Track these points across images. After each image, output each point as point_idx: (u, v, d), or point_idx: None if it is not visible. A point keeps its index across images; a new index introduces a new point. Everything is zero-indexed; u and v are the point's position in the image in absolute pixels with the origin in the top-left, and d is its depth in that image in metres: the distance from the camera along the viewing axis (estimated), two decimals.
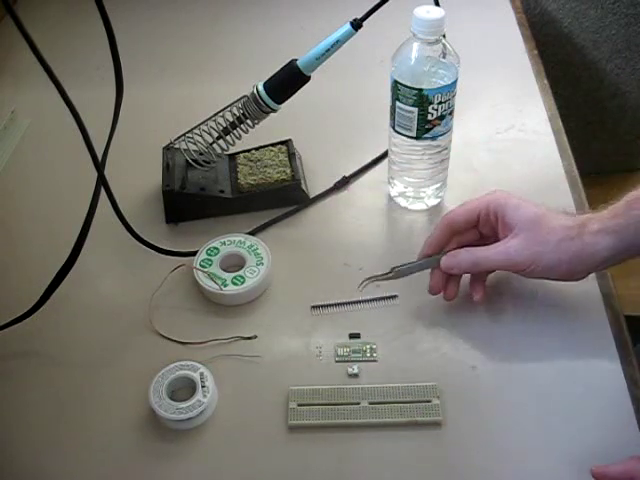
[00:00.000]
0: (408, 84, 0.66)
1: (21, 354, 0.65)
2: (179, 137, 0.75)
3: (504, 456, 0.55)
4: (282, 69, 0.70)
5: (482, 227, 0.64)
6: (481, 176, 0.80)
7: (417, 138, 0.70)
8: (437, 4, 0.68)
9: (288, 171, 0.77)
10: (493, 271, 0.65)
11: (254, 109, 0.71)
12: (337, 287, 0.68)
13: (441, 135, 0.70)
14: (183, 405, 0.57)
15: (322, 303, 0.67)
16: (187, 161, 0.75)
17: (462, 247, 0.63)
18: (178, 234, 0.75)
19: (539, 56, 0.97)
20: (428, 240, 0.64)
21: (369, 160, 0.82)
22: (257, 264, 0.69)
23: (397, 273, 0.63)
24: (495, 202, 0.62)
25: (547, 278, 0.61)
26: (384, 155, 0.81)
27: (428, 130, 0.69)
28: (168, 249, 0.70)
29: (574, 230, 0.58)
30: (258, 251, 0.70)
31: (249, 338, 0.64)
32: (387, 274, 0.64)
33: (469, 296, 0.64)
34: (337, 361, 0.62)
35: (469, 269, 0.63)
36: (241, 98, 0.73)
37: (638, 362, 0.61)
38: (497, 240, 0.62)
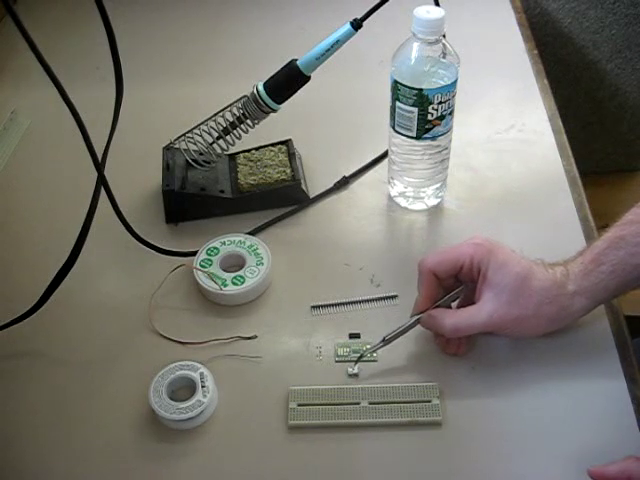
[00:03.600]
0: (408, 84, 0.66)
1: (21, 354, 0.65)
2: (179, 137, 0.75)
3: (504, 456, 0.55)
4: (282, 69, 0.70)
5: (462, 277, 0.62)
6: (481, 176, 0.80)
7: (417, 138, 0.70)
8: (437, 4, 0.68)
9: (288, 171, 0.77)
10: None
11: (254, 109, 0.71)
12: (337, 287, 0.68)
13: (441, 135, 0.70)
14: (183, 405, 0.57)
15: (322, 303, 0.67)
16: (187, 161, 0.75)
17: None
18: (178, 234, 0.75)
19: (539, 56, 0.97)
20: (419, 298, 0.62)
21: (369, 160, 0.82)
22: (257, 264, 0.69)
23: (387, 341, 0.61)
24: (478, 256, 0.60)
25: (520, 338, 0.62)
26: (384, 155, 0.81)
27: (428, 130, 0.69)
28: (168, 249, 0.70)
29: (552, 292, 0.59)
30: (258, 251, 0.70)
31: (249, 338, 0.64)
32: (379, 344, 0.62)
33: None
34: (337, 361, 0.62)
35: (450, 334, 0.60)
36: (241, 98, 0.73)
37: (637, 355, 0.61)
38: (474, 290, 0.61)
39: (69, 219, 0.62)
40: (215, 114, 0.74)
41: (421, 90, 0.66)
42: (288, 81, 0.70)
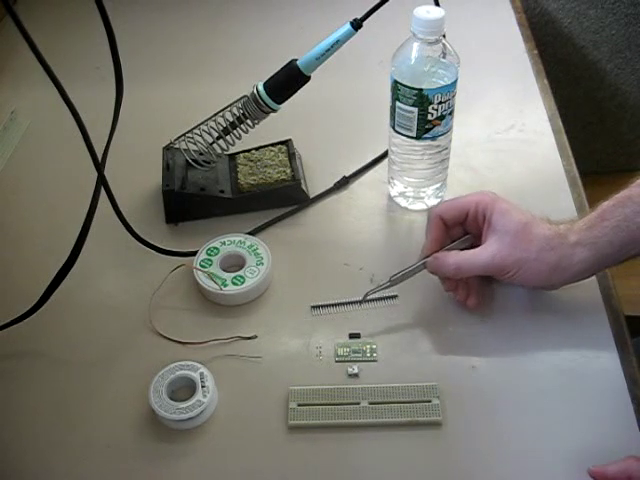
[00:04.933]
0: (408, 84, 0.66)
1: (21, 354, 0.65)
2: (179, 137, 0.75)
3: (504, 456, 0.55)
4: (282, 69, 0.70)
5: (468, 225, 0.65)
6: (481, 176, 0.80)
7: (417, 138, 0.70)
8: (437, 4, 0.68)
9: (288, 171, 0.77)
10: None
11: (254, 109, 0.71)
12: (337, 287, 0.68)
13: (441, 135, 0.70)
14: (183, 405, 0.57)
15: (322, 303, 0.67)
16: (187, 161, 0.75)
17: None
18: (178, 234, 0.75)
19: (539, 56, 0.97)
20: (427, 241, 0.65)
21: (369, 160, 0.82)
22: (257, 264, 0.69)
23: (393, 281, 0.64)
24: (483, 203, 0.63)
25: (523, 285, 0.63)
26: (384, 155, 0.81)
27: (428, 130, 0.69)
28: (168, 249, 0.70)
29: (554, 240, 0.60)
30: (258, 251, 0.70)
31: (249, 338, 0.64)
32: (385, 284, 0.64)
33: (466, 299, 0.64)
34: (337, 361, 0.62)
35: (453, 273, 0.63)
36: (241, 98, 0.73)
37: (636, 353, 0.61)
38: (479, 238, 0.63)
39: (69, 219, 0.62)
40: (215, 114, 0.74)
41: (421, 90, 0.66)
42: (288, 81, 0.70)
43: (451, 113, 0.69)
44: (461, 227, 0.65)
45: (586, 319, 0.64)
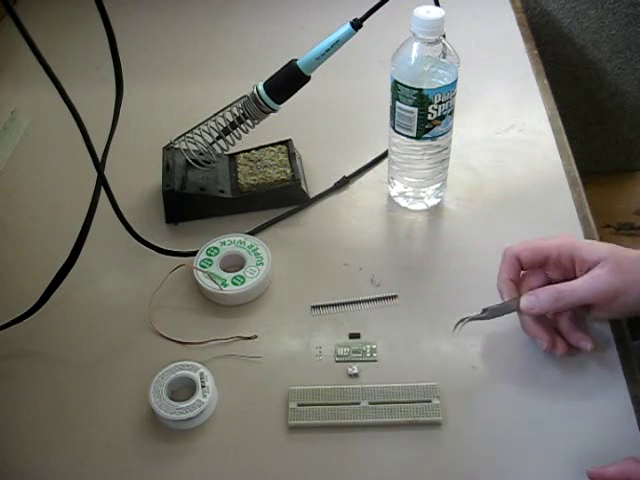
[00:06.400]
0: (408, 84, 0.66)
1: (21, 354, 0.65)
2: (179, 137, 0.75)
3: (504, 456, 0.55)
4: (282, 69, 0.70)
5: (551, 270, 0.60)
6: (481, 176, 0.80)
7: (417, 138, 0.70)
8: (437, 4, 0.68)
9: (288, 171, 0.77)
10: (587, 313, 0.60)
11: (254, 109, 0.71)
12: (337, 287, 0.68)
13: (441, 135, 0.70)
14: (183, 405, 0.57)
15: (322, 303, 0.67)
16: (187, 161, 0.75)
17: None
18: (178, 234, 0.75)
19: (539, 56, 0.97)
20: (504, 280, 0.61)
21: (369, 160, 0.82)
22: (257, 264, 0.69)
23: (490, 313, 0.60)
24: (566, 244, 0.59)
25: (626, 315, 0.59)
26: (384, 155, 0.81)
27: (428, 130, 0.69)
28: (168, 249, 0.70)
29: None
30: (258, 251, 0.70)
31: (249, 338, 0.64)
32: (480, 315, 0.60)
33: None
34: (337, 361, 0.62)
35: (551, 306, 0.58)
36: (241, 98, 0.73)
37: (637, 356, 0.61)
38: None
39: (69, 219, 0.62)
40: (215, 114, 0.74)
41: (421, 90, 0.66)
42: (288, 81, 0.70)
43: (451, 113, 0.69)
44: (543, 274, 0.61)
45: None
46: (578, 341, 0.59)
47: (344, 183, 0.80)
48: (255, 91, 0.71)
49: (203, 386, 0.59)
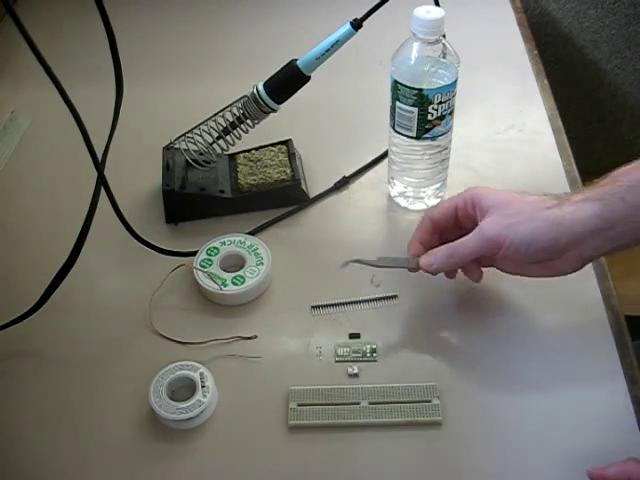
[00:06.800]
0: (408, 84, 0.66)
1: (21, 354, 0.65)
2: (179, 137, 0.75)
3: (504, 456, 0.55)
4: (282, 69, 0.70)
5: (463, 222, 0.62)
6: (481, 176, 0.80)
7: (417, 138, 0.70)
8: (437, 4, 0.68)
9: (288, 171, 0.77)
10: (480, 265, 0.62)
11: (254, 109, 0.71)
12: (337, 287, 0.68)
13: (441, 135, 0.70)
14: (183, 405, 0.57)
15: (322, 303, 0.67)
16: (187, 161, 0.75)
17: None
18: (178, 234, 0.75)
19: (539, 56, 0.97)
20: (412, 240, 0.64)
21: (369, 160, 0.82)
22: (257, 264, 0.69)
23: (381, 261, 0.64)
24: (471, 193, 0.60)
25: (527, 266, 0.58)
26: (384, 155, 0.81)
27: (428, 130, 0.69)
28: (168, 249, 0.70)
29: (552, 201, 0.55)
30: (258, 251, 0.70)
31: (249, 338, 0.64)
32: (372, 261, 0.64)
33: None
34: (337, 361, 0.62)
35: (447, 261, 0.60)
36: (241, 98, 0.73)
37: (637, 356, 0.61)
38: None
39: (69, 219, 0.62)
40: (215, 114, 0.74)
41: (421, 90, 0.66)
42: (288, 81, 0.70)
43: (451, 113, 0.69)
44: (457, 229, 0.62)
45: (586, 319, 0.64)
46: (468, 276, 0.62)
47: (344, 183, 0.80)
48: (255, 91, 0.71)
49: (203, 386, 0.59)
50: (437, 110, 0.67)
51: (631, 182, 0.53)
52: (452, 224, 0.63)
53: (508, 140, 0.85)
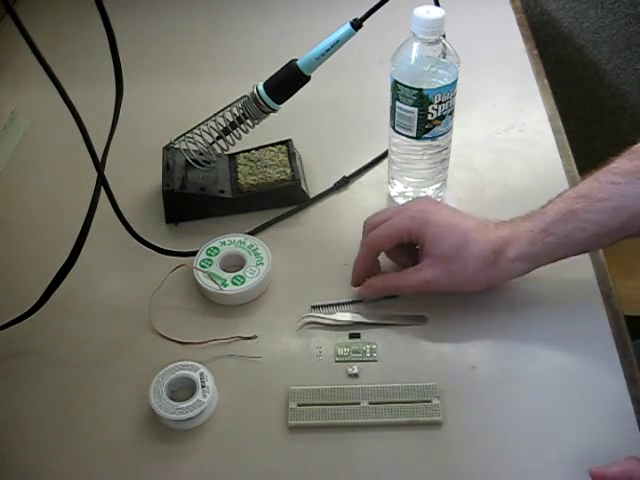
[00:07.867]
0: (408, 84, 0.66)
1: (22, 354, 0.65)
2: (179, 137, 0.75)
3: (504, 456, 0.55)
4: (282, 69, 0.70)
5: (405, 246, 0.65)
6: (481, 176, 0.80)
7: (417, 138, 0.70)
8: (437, 4, 0.68)
9: (288, 171, 0.77)
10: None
11: (254, 109, 0.71)
12: (337, 287, 0.68)
13: (441, 135, 0.70)
14: (183, 405, 0.57)
15: (322, 303, 0.67)
16: (187, 161, 0.75)
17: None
18: (178, 234, 0.75)
19: (539, 56, 0.97)
20: (355, 270, 0.67)
21: (369, 160, 0.82)
22: (257, 264, 0.69)
23: (317, 310, 0.66)
24: (416, 230, 0.63)
25: (461, 292, 0.64)
26: (384, 155, 0.81)
27: (428, 130, 0.69)
28: (168, 249, 0.70)
29: (491, 258, 0.61)
30: (258, 251, 0.70)
31: (249, 338, 0.64)
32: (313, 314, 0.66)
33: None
34: (337, 361, 0.62)
35: (383, 293, 0.66)
36: (241, 98, 0.73)
37: (637, 355, 0.61)
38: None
39: (69, 219, 0.62)
40: (215, 114, 0.74)
41: (421, 90, 0.66)
42: (288, 81, 0.70)
43: (451, 113, 0.69)
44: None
45: (586, 319, 0.64)
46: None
47: (344, 183, 0.80)
48: (255, 91, 0.71)
49: (203, 386, 0.59)
50: (437, 110, 0.67)
51: (560, 239, 0.60)
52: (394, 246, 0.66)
53: (508, 140, 0.85)
